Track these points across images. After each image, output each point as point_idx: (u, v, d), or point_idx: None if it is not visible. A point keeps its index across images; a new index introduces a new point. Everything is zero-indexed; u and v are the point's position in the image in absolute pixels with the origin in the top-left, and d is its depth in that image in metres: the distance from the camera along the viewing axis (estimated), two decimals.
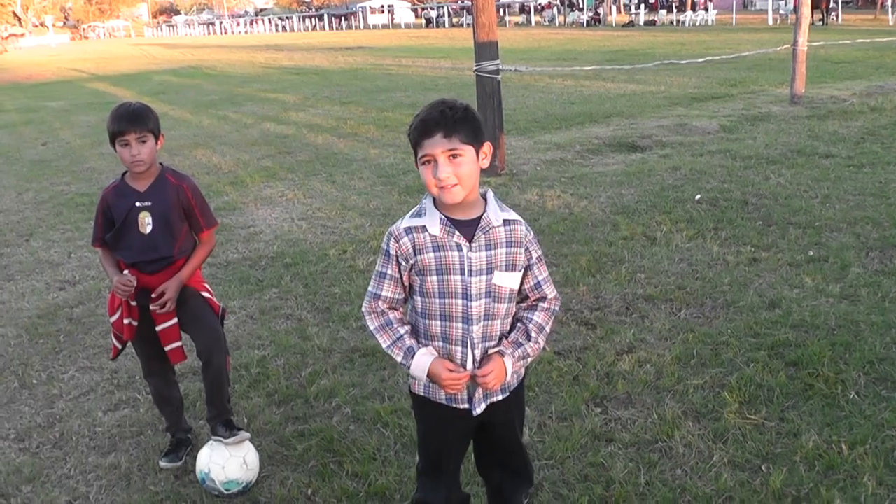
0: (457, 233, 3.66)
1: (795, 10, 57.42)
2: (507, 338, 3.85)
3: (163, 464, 5.58)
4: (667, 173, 12.68)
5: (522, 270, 3.82)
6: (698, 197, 11.07)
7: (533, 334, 3.84)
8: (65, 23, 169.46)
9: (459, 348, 3.77)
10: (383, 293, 3.82)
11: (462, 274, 3.68)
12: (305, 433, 5.78)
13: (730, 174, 12.37)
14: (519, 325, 3.89)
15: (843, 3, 66.91)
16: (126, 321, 5.29)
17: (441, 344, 3.79)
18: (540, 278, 3.88)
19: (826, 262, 8.50)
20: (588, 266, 8.66)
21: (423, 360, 3.74)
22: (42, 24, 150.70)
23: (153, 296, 5.24)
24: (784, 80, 22.21)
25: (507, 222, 3.74)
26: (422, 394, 3.96)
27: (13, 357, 7.56)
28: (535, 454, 5.32)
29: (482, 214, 3.71)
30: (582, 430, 5.56)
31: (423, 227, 3.69)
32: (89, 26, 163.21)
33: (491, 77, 12.30)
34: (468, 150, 3.61)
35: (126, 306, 5.26)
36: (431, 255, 3.68)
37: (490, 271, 3.70)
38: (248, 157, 16.33)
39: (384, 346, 3.83)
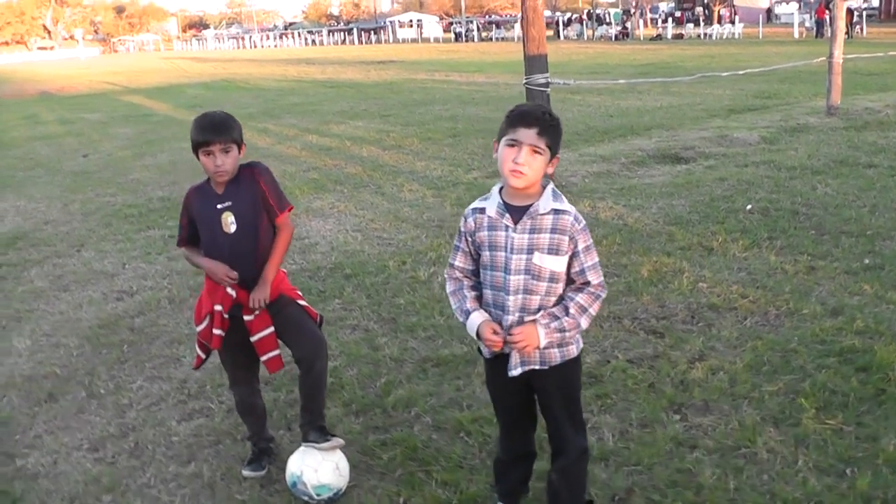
0: (507, 215, 4.19)
1: (819, 24, 57.33)
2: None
3: (246, 473, 5.60)
4: (714, 184, 12.71)
5: (567, 256, 4.21)
6: (749, 207, 11.11)
7: (572, 310, 4.21)
8: (94, 36, 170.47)
9: (502, 314, 4.26)
10: (456, 263, 4.45)
11: (506, 251, 4.20)
12: (388, 442, 5.81)
13: (777, 185, 12.40)
14: (563, 302, 4.27)
15: (867, 16, 66.91)
16: (216, 332, 5.33)
17: (492, 310, 4.32)
18: (586, 265, 4.23)
19: (882, 270, 8.54)
20: (649, 276, 8.71)
21: (473, 320, 4.30)
22: (72, 38, 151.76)
23: (247, 307, 5.31)
24: (817, 92, 22.27)
25: (555, 211, 4.17)
26: (481, 349, 4.52)
27: (77, 367, 7.61)
28: (622, 460, 5.40)
29: (534, 203, 4.16)
30: (665, 437, 5.62)
31: (483, 210, 4.28)
32: (119, 40, 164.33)
33: (541, 90, 12.38)
34: (546, 153, 4.11)
35: (219, 317, 5.32)
36: (486, 233, 4.26)
37: (531, 251, 4.16)
38: (293, 170, 16.41)
39: (453, 306, 4.47)
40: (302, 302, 5.61)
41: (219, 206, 5.24)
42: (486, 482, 5.23)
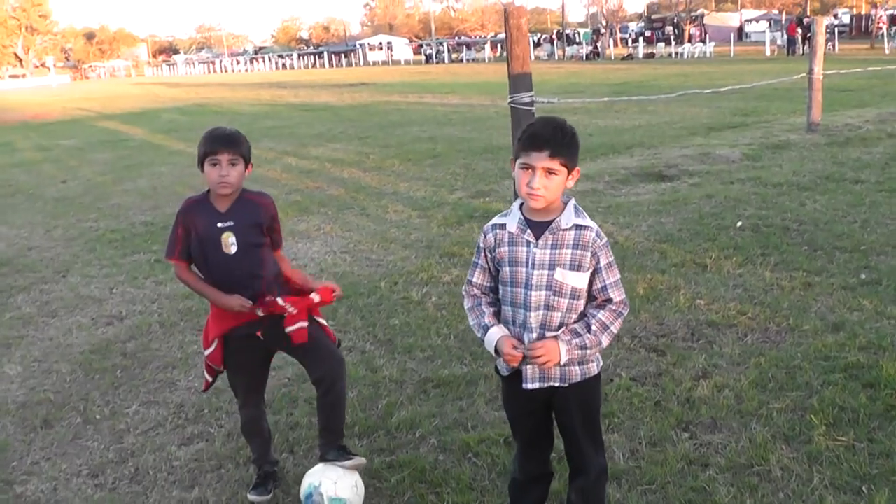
0: (528, 231, 4.16)
1: (790, 42, 57.58)
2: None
3: (252, 497, 5.49)
4: (702, 201, 12.71)
5: (589, 272, 4.18)
6: (740, 224, 11.11)
7: (594, 327, 4.17)
8: (66, 63, 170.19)
9: (521, 331, 4.22)
10: (474, 280, 4.41)
11: (527, 266, 4.16)
12: (394, 465, 5.72)
13: (765, 201, 12.40)
14: (584, 319, 4.22)
15: (838, 33, 67.46)
16: (259, 313, 5.21)
17: (511, 327, 4.26)
18: (607, 282, 4.21)
19: (880, 285, 8.54)
20: (646, 293, 8.67)
21: (492, 335, 4.23)
22: (43, 65, 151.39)
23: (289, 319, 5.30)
24: (795, 109, 22.41)
25: (577, 227, 4.15)
26: (498, 367, 4.46)
27: (71, 393, 7.48)
28: (635, 479, 5.36)
29: (556, 218, 4.12)
30: (676, 456, 5.57)
31: (504, 226, 4.25)
32: (90, 66, 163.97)
33: (526, 109, 12.32)
34: (563, 172, 4.07)
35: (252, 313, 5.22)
36: (506, 248, 4.22)
37: (552, 267, 4.13)
38: (275, 192, 15.95)
39: (471, 322, 4.39)
40: (321, 320, 5.58)
41: (219, 225, 5.15)
42: (498, 503, 5.16)
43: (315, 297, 5.34)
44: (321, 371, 5.37)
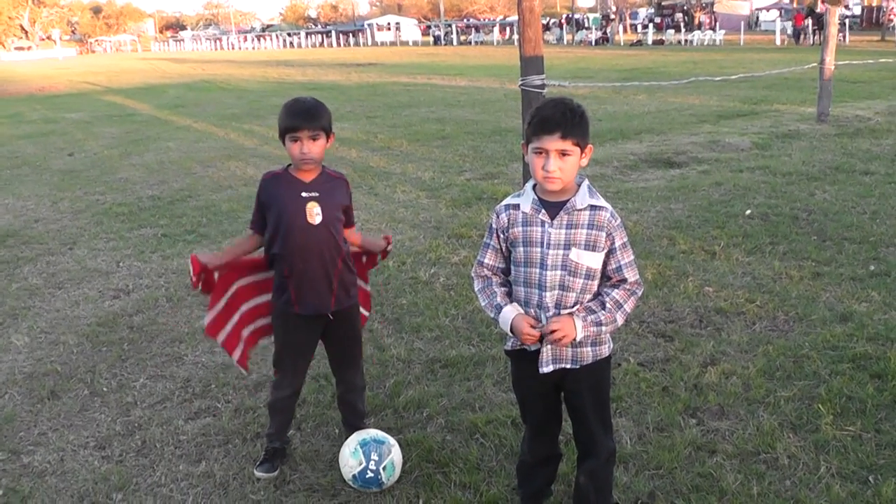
0: (543, 211, 4.16)
1: (796, 31, 57.26)
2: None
3: (258, 473, 5.49)
4: (711, 189, 12.71)
5: (603, 253, 4.17)
6: (749, 212, 11.10)
7: (608, 305, 4.19)
8: (72, 36, 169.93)
9: (538, 312, 4.22)
10: (485, 260, 4.40)
11: (542, 246, 4.16)
12: (402, 444, 5.63)
13: (774, 190, 12.40)
14: (598, 297, 4.24)
15: (849, 24, 67.14)
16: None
17: (525, 308, 4.25)
18: (622, 262, 4.21)
19: (889, 277, 8.54)
20: (654, 279, 8.66)
21: (507, 314, 4.23)
22: (49, 38, 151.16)
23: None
24: (805, 99, 22.37)
25: (592, 207, 4.14)
26: (508, 348, 4.49)
27: (78, 365, 7.47)
28: (642, 463, 5.37)
29: (570, 198, 4.12)
30: (683, 441, 5.57)
31: (517, 206, 4.24)
32: (96, 40, 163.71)
33: (536, 91, 12.29)
34: (576, 151, 4.06)
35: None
36: (520, 228, 4.21)
37: (567, 247, 4.13)
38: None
39: (482, 303, 4.40)
40: (364, 312, 5.95)
41: (304, 195, 5.15)
42: (505, 484, 5.18)
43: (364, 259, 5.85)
44: (337, 380, 5.81)
